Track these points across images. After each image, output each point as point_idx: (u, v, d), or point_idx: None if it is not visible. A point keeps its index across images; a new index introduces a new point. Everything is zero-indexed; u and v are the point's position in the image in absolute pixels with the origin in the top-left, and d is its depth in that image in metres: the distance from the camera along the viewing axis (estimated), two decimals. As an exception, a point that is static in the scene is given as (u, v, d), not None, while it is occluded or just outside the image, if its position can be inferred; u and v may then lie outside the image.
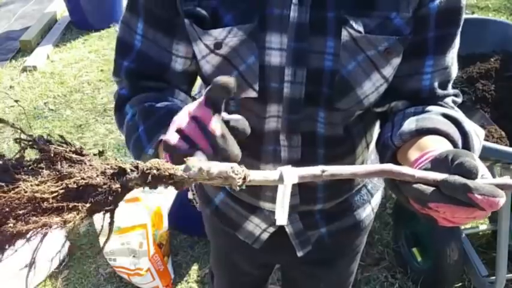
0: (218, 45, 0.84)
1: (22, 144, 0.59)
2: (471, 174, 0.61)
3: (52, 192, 0.54)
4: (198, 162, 0.59)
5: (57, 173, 0.55)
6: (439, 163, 0.64)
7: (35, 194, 0.53)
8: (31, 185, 0.54)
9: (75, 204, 0.54)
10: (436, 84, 0.89)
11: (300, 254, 1.12)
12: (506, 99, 2.11)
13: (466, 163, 0.61)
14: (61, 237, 2.32)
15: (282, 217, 0.66)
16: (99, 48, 4.08)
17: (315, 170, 0.62)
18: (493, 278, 1.94)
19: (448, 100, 0.91)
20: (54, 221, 0.54)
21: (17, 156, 0.58)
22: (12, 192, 0.53)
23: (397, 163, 0.76)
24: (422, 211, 0.65)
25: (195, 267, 2.28)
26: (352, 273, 1.32)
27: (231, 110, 0.91)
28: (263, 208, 1.07)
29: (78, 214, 0.55)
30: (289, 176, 0.61)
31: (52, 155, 0.56)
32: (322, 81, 0.85)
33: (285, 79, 0.85)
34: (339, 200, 1.08)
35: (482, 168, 0.63)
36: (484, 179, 0.62)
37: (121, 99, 0.93)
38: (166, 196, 2.09)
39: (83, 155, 0.58)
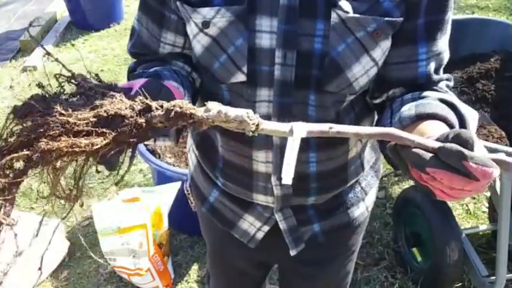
0: (206, 24, 0.86)
1: (61, 79, 0.65)
2: (467, 144, 0.64)
3: (84, 119, 0.59)
4: (217, 105, 0.64)
5: (91, 104, 0.61)
6: (460, 139, 0.66)
7: (68, 119, 0.59)
8: (65, 111, 0.59)
9: (104, 130, 0.60)
10: (431, 70, 0.91)
11: (293, 252, 1.12)
12: (506, 99, 2.11)
13: (462, 133, 0.65)
14: (61, 237, 2.32)
15: (288, 174, 0.68)
16: (99, 48, 4.08)
17: (323, 126, 0.66)
18: (493, 278, 1.94)
19: (442, 85, 0.93)
20: (82, 142, 0.59)
21: (57, 89, 0.64)
22: (48, 115, 0.59)
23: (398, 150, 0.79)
24: (420, 180, 0.68)
25: (195, 267, 2.28)
26: (348, 273, 1.31)
27: (222, 94, 0.94)
28: (256, 203, 1.07)
29: (104, 140, 0.60)
30: (299, 129, 0.65)
31: (87, 88, 0.63)
32: (313, 63, 0.86)
33: (275, 61, 0.86)
34: (332, 194, 1.07)
35: (479, 144, 0.66)
36: (483, 154, 0.65)
37: (129, 70, 1.01)
38: (166, 196, 2.09)
39: (115, 91, 0.63)
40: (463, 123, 0.81)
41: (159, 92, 0.75)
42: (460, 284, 2.15)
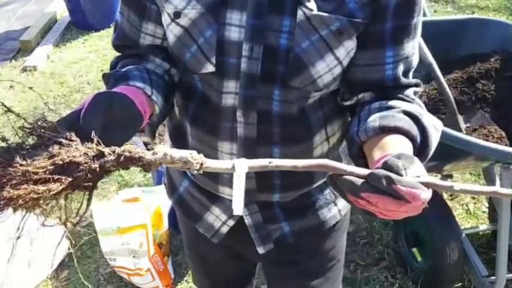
0: (177, 14, 0.90)
1: (22, 132, 0.74)
2: (393, 169, 0.70)
3: (42, 167, 0.67)
4: (164, 148, 0.72)
5: (49, 153, 0.68)
6: (387, 166, 0.72)
7: (28, 168, 0.66)
8: (25, 162, 0.67)
9: (60, 177, 0.67)
10: (399, 73, 0.92)
11: (260, 250, 1.12)
12: (506, 99, 2.11)
13: (389, 161, 0.71)
14: (61, 237, 2.32)
15: (238, 206, 0.75)
16: (99, 48, 4.08)
17: (262, 161, 0.73)
18: (493, 278, 1.94)
19: (409, 92, 0.95)
20: (41, 189, 0.66)
21: (19, 141, 0.73)
22: (10, 167, 0.66)
23: (363, 156, 0.87)
24: (358, 205, 0.73)
25: (195, 267, 2.28)
26: (333, 281, 1.27)
27: (195, 85, 0.98)
28: (223, 196, 1.07)
29: (61, 185, 0.67)
30: (240, 165, 0.72)
31: (46, 139, 0.70)
32: (278, 58, 0.89)
33: (242, 54, 0.89)
34: (298, 193, 1.07)
35: (417, 169, 0.72)
36: (415, 178, 0.71)
37: (110, 66, 1.06)
38: (166, 196, 2.09)
39: (71, 140, 0.70)
40: (424, 136, 0.85)
41: (111, 105, 0.78)
42: (460, 284, 2.15)
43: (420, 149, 0.86)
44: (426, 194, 0.70)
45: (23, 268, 2.13)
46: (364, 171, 0.73)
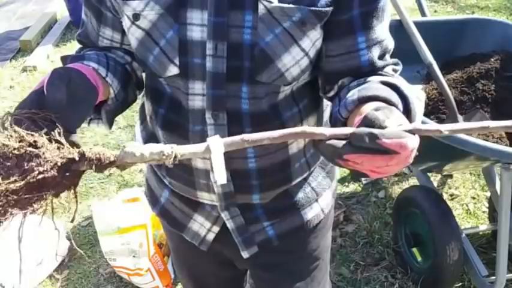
0: (136, 16, 0.89)
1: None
2: (374, 123, 0.68)
3: (18, 188, 0.64)
4: (133, 147, 0.69)
5: (21, 166, 0.65)
6: (367, 121, 0.70)
7: (6, 188, 0.64)
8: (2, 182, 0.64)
9: (40, 194, 0.66)
10: (374, 57, 0.91)
11: (244, 254, 1.10)
12: (506, 99, 2.11)
13: (368, 115, 0.70)
14: (61, 237, 2.32)
15: (220, 177, 0.72)
16: (99, 48, 4.09)
17: (237, 138, 0.69)
18: (493, 278, 1.94)
19: (388, 69, 0.93)
20: (28, 210, 0.66)
21: None
22: None
23: (316, 146, 0.82)
24: (347, 166, 0.71)
25: (195, 267, 2.28)
26: (317, 281, 1.25)
27: (163, 89, 0.96)
28: (203, 202, 1.06)
29: (45, 200, 0.67)
30: (215, 144, 0.68)
31: (13, 150, 0.65)
32: (243, 54, 0.88)
33: (207, 53, 0.87)
34: (277, 192, 1.06)
35: (397, 118, 0.70)
36: (398, 127, 0.68)
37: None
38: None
39: (37, 148, 0.66)
40: (406, 103, 0.81)
41: (69, 79, 0.79)
42: (460, 284, 2.15)
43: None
44: (413, 141, 0.68)
45: (23, 268, 2.13)
46: (347, 131, 0.70)
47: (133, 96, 1.04)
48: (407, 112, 0.81)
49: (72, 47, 4.11)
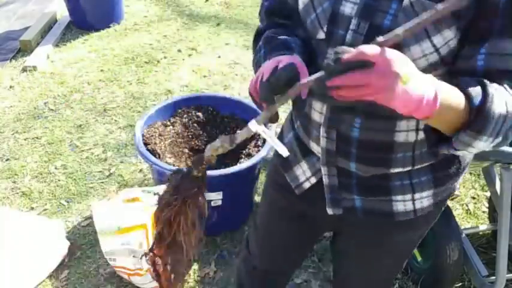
0: None
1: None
2: (336, 54, 0.79)
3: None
4: (209, 146, 1.00)
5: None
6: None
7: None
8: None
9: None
10: (492, 67, 0.92)
11: (330, 211, 1.19)
12: (506, 99, 2.11)
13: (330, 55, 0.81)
14: (61, 237, 2.32)
15: (281, 149, 0.96)
16: (99, 48, 4.08)
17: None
18: (493, 278, 1.94)
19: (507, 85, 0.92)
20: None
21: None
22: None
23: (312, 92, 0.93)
24: (340, 98, 0.80)
25: (195, 267, 2.28)
26: (384, 272, 1.36)
27: (313, 49, 1.10)
28: (313, 151, 1.18)
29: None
30: (251, 125, 0.93)
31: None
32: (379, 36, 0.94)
33: (350, 28, 0.98)
34: (374, 171, 1.11)
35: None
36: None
37: (257, 32, 1.20)
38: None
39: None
40: (485, 99, 0.89)
41: (294, 79, 0.90)
42: (460, 284, 2.15)
43: (477, 110, 0.88)
44: (369, 47, 0.76)
45: (23, 268, 2.13)
46: (317, 75, 0.82)
47: None
48: (483, 106, 0.87)
49: (72, 47, 4.11)
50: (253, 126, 0.92)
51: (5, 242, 2.15)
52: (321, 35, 1.03)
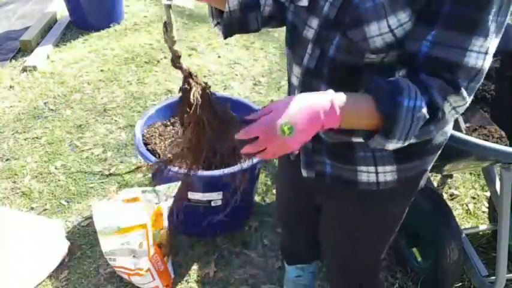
0: None
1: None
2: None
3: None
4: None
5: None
6: None
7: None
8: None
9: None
10: (433, 55, 0.94)
11: (304, 173, 1.31)
12: (506, 99, 2.11)
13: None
14: (61, 237, 2.32)
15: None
16: (99, 48, 4.08)
17: None
18: (493, 278, 1.94)
19: (435, 83, 0.95)
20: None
21: None
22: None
23: None
24: (255, 151, 0.96)
25: (195, 267, 2.28)
26: (355, 251, 1.43)
27: (288, 16, 1.21)
28: None
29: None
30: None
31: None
32: (348, 10, 1.03)
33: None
34: (339, 138, 1.19)
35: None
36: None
37: None
38: (166, 196, 2.09)
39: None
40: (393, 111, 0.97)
41: None
42: (460, 284, 2.15)
43: (384, 115, 0.93)
44: (247, 130, 0.94)
45: (23, 268, 2.13)
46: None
47: (254, 24, 1.32)
48: (390, 116, 0.93)
49: (72, 47, 4.11)
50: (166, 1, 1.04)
51: (5, 242, 2.15)
52: (304, 2, 1.13)
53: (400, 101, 0.91)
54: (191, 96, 1.05)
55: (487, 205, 2.57)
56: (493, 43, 0.95)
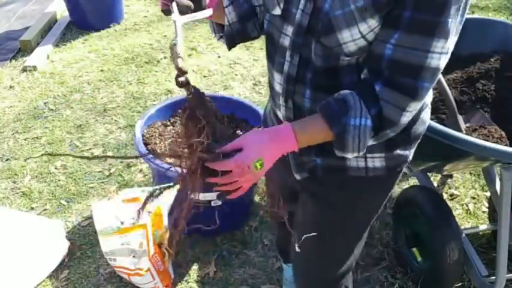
0: None
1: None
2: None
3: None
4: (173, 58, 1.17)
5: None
6: None
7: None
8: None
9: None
10: (395, 58, 1.00)
11: (297, 177, 1.33)
12: (506, 99, 2.11)
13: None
14: (61, 237, 2.32)
15: (205, 12, 1.16)
16: (99, 48, 4.08)
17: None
18: (493, 278, 1.94)
19: (385, 92, 1.04)
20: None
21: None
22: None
23: None
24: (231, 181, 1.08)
25: (195, 267, 2.28)
26: (347, 238, 1.41)
27: (264, 24, 1.26)
28: (281, 119, 1.30)
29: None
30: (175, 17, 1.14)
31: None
32: (319, 17, 1.07)
33: (299, 7, 1.12)
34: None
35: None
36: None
37: None
38: (166, 196, 2.09)
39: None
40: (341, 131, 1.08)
41: None
42: (460, 284, 2.15)
43: (335, 134, 1.05)
44: (223, 163, 1.06)
45: (23, 268, 2.13)
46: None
47: (254, 31, 1.33)
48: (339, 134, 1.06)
49: (72, 47, 4.11)
50: (176, 18, 1.13)
51: (5, 242, 2.15)
52: (277, 11, 1.17)
53: (346, 122, 1.03)
54: (195, 129, 1.12)
55: (487, 205, 2.57)
56: (452, 42, 1.01)
